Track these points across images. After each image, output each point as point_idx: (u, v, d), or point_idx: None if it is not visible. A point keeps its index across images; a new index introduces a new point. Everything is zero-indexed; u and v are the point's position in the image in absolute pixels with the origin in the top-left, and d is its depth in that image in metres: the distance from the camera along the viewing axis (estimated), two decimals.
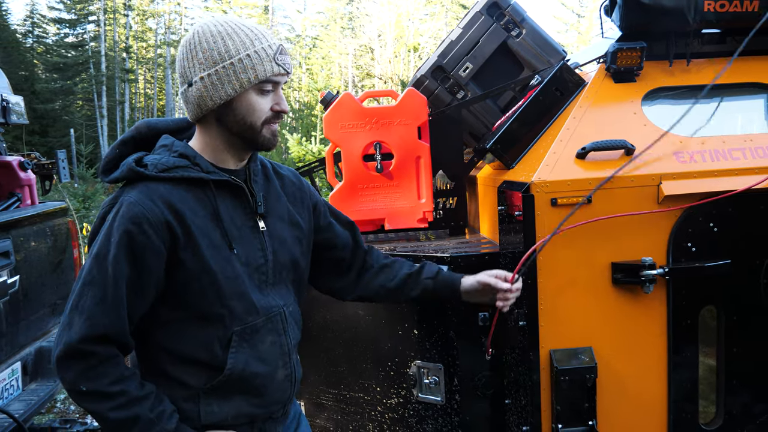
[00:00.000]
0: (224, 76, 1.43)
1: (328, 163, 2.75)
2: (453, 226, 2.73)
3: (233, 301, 1.48)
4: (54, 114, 29.00)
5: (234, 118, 1.48)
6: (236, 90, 1.44)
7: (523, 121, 2.33)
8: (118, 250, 1.37)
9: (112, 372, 1.38)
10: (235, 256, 1.49)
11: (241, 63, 1.43)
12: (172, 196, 1.43)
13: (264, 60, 1.44)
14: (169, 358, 1.48)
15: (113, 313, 1.38)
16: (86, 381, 1.36)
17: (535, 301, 2.05)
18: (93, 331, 1.36)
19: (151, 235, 1.39)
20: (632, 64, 2.24)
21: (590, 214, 2.03)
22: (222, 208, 1.50)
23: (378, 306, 2.39)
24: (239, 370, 1.49)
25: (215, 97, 1.44)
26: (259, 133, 1.50)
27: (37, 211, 3.83)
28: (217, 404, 1.50)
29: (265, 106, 1.49)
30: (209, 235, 1.46)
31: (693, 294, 2.07)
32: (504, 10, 2.73)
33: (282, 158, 11.60)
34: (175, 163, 1.46)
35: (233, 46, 1.43)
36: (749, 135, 2.17)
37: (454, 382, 2.28)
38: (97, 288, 1.37)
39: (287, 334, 1.60)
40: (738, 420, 2.15)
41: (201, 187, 1.48)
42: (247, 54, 1.43)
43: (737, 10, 2.24)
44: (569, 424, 2.04)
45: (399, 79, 21.06)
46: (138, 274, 1.40)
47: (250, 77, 1.44)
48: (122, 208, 1.40)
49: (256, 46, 1.44)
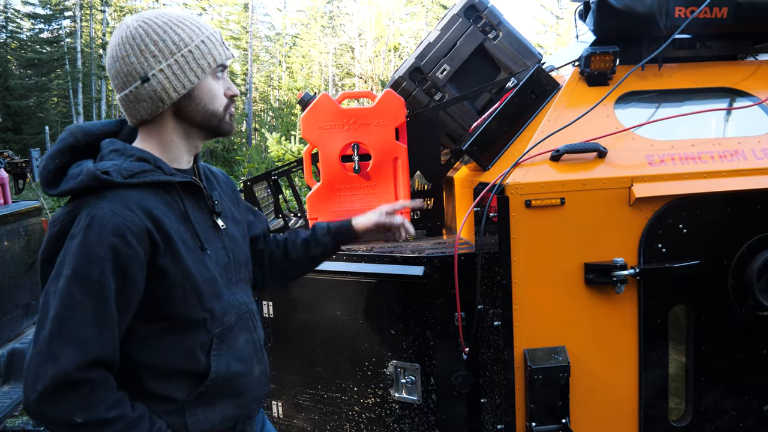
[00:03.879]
0: (184, 64, 1.42)
1: (306, 163, 2.75)
2: (430, 227, 2.75)
3: (212, 303, 1.45)
4: (28, 111, 28.46)
5: (196, 107, 1.47)
6: (198, 76, 1.44)
7: (499, 123, 2.36)
8: (103, 265, 1.28)
9: (107, 397, 1.30)
10: (208, 257, 1.47)
11: (198, 49, 1.43)
12: (146, 203, 1.37)
13: (217, 45, 1.46)
14: (147, 372, 1.41)
15: (107, 335, 1.30)
16: (82, 411, 1.27)
17: (510, 301, 2.08)
18: (88, 356, 1.27)
19: (135, 245, 1.32)
20: (605, 67, 2.29)
21: (564, 215, 2.07)
22: (189, 209, 1.47)
23: (355, 306, 2.40)
24: (223, 372, 1.47)
25: (179, 87, 1.42)
26: (222, 119, 1.51)
27: (10, 211, 3.78)
28: (202, 413, 1.46)
29: (221, 92, 1.49)
30: (183, 239, 1.42)
31: (663, 294, 2.12)
32: (481, 13, 2.76)
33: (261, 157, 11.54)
34: (140, 167, 1.40)
35: (186, 35, 1.43)
36: (717, 139, 2.23)
37: (431, 381, 2.30)
38: (84, 310, 1.27)
39: (257, 331, 1.61)
40: (707, 417, 2.20)
41: (167, 191, 1.44)
42: (201, 40, 1.44)
43: (707, 16, 2.29)
44: (543, 422, 2.07)
45: (379, 78, 21.06)
46: (124, 289, 1.32)
47: (209, 62, 1.45)
48: (96, 221, 1.30)
49: (205, 33, 1.46)
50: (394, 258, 2.35)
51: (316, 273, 2.36)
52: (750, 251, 2.12)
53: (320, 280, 2.46)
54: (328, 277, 2.44)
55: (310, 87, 24.27)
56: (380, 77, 24.32)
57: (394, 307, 2.33)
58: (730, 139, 2.22)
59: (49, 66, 31.04)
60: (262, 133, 9.31)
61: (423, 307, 2.28)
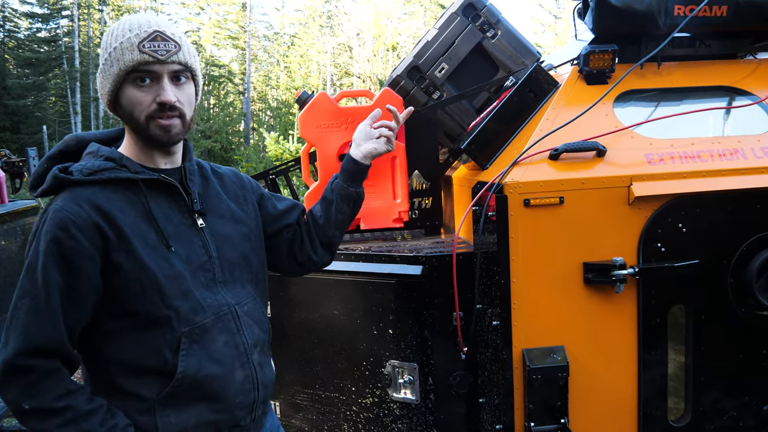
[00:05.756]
0: (104, 71, 1.44)
1: (304, 162, 2.74)
2: (428, 226, 2.74)
3: (178, 301, 1.44)
4: (26, 110, 28.43)
5: (124, 114, 1.46)
6: (112, 84, 1.42)
7: (498, 122, 2.35)
8: (46, 257, 1.34)
9: (55, 386, 1.34)
10: (174, 254, 1.46)
11: (111, 57, 1.42)
12: (97, 198, 1.40)
13: (126, 49, 1.40)
14: (119, 369, 1.43)
15: (48, 324, 1.34)
16: (28, 398, 1.32)
17: (508, 301, 2.07)
18: (29, 343, 1.32)
19: (80, 239, 1.35)
20: (604, 66, 2.28)
21: (563, 215, 2.06)
22: (154, 206, 1.47)
23: (353, 306, 2.39)
24: (192, 373, 1.44)
25: (104, 94, 1.46)
26: (146, 129, 1.45)
27: (7, 210, 3.77)
28: (174, 414, 1.45)
29: (145, 99, 1.42)
30: (143, 236, 1.43)
31: (662, 293, 2.11)
32: (479, 11, 2.74)
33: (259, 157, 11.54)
34: (100, 166, 1.43)
35: (108, 40, 1.43)
36: (717, 137, 2.22)
37: (429, 381, 2.29)
38: (28, 299, 1.34)
39: (242, 333, 1.56)
40: (706, 416, 2.19)
41: (130, 188, 1.45)
42: (114, 47, 1.41)
43: (706, 15, 2.28)
44: (542, 422, 2.06)
45: (377, 78, 21.05)
46: (70, 280, 1.36)
47: (118, 68, 1.41)
48: (48, 216, 1.38)
49: (124, 36, 1.41)
50: (392, 257, 2.34)
51: (315, 272, 2.34)
52: (749, 250, 2.12)
53: (318, 280, 2.45)
54: (326, 277, 2.43)
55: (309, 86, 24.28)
56: (378, 76, 24.32)
57: (392, 307, 2.32)
58: (730, 138, 2.21)
59: (46, 65, 30.99)
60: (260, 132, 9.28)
61: (421, 307, 2.27)
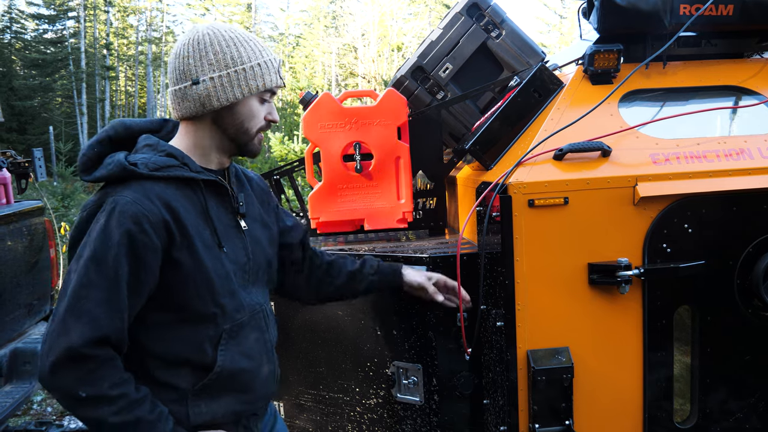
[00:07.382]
0: (235, 80, 1.52)
1: (308, 163, 2.74)
2: (432, 227, 2.73)
3: (225, 300, 1.51)
4: (33, 111, 28.57)
5: (232, 121, 1.56)
6: (243, 94, 1.53)
7: (502, 122, 2.34)
8: (119, 250, 1.37)
9: (111, 375, 1.37)
10: (225, 255, 1.54)
11: (252, 70, 1.53)
12: (167, 195, 1.45)
13: (271, 71, 1.56)
14: (157, 361, 1.48)
15: (117, 315, 1.38)
16: (86, 386, 1.34)
17: (513, 302, 2.06)
18: (96, 333, 1.35)
19: (151, 234, 1.40)
20: (609, 66, 2.27)
21: (567, 215, 2.05)
22: (211, 207, 1.54)
23: (357, 307, 2.39)
24: (228, 367, 1.52)
25: (222, 98, 1.52)
26: (252, 140, 1.59)
27: (13, 211, 3.78)
28: (205, 404, 1.52)
29: (261, 114, 1.59)
30: (201, 234, 1.49)
31: (668, 294, 2.10)
32: (484, 11, 2.73)
33: (265, 157, 11.55)
34: (165, 162, 1.48)
35: (245, 54, 1.53)
36: (723, 137, 2.20)
37: (433, 382, 2.29)
38: (98, 290, 1.36)
39: (269, 331, 1.67)
40: (712, 418, 2.18)
41: (191, 187, 1.52)
42: (258, 63, 1.54)
43: (712, 14, 2.27)
44: (546, 423, 2.05)
45: (382, 78, 21.05)
46: (137, 274, 1.40)
47: (259, 84, 1.54)
48: (118, 207, 1.39)
49: (264, 57, 1.56)
50: (396, 258, 2.33)
51: None
52: (756, 251, 2.10)
53: None
54: None
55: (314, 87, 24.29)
56: (383, 77, 24.31)
57: (396, 308, 2.31)
58: (736, 138, 2.20)
59: (53, 66, 31.15)
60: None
61: (425, 308, 2.26)
